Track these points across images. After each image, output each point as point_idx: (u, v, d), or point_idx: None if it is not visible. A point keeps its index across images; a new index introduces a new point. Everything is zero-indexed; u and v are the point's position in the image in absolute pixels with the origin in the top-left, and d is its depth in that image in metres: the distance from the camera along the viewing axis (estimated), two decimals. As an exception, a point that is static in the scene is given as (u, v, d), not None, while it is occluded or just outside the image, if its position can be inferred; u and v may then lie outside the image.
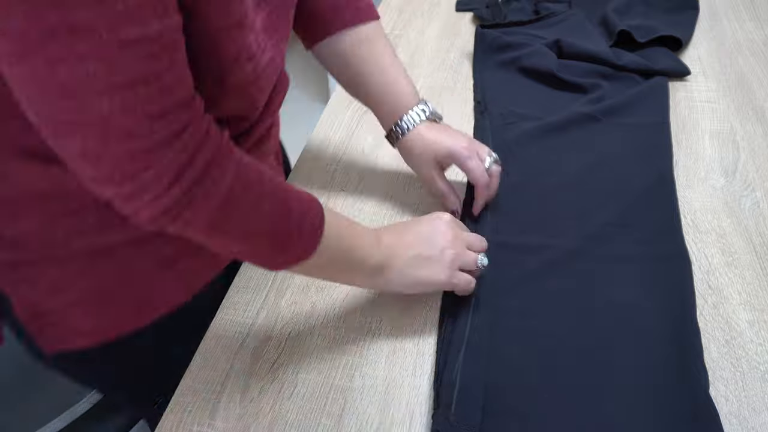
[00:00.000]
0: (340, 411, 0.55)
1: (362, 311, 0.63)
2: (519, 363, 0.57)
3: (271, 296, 0.65)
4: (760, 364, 0.57)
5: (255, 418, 0.55)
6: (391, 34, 1.08)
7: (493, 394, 0.54)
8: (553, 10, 1.04)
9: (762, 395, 0.55)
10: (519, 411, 0.54)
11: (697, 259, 0.66)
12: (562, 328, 0.60)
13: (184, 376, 0.59)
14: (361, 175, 0.79)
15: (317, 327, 0.62)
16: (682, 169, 0.77)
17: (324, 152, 0.83)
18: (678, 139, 0.82)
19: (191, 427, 0.55)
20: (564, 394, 0.55)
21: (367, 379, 0.58)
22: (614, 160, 0.77)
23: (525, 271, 0.65)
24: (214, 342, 0.61)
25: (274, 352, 0.60)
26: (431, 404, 0.55)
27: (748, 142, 0.81)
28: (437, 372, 0.57)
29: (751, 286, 0.64)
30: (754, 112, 0.86)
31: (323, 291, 0.65)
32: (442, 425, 0.52)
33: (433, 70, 0.98)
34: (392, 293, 0.62)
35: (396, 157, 0.82)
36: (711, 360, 0.57)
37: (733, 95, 0.89)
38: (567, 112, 0.84)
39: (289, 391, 0.57)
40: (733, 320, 0.61)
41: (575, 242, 0.68)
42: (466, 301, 0.62)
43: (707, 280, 0.65)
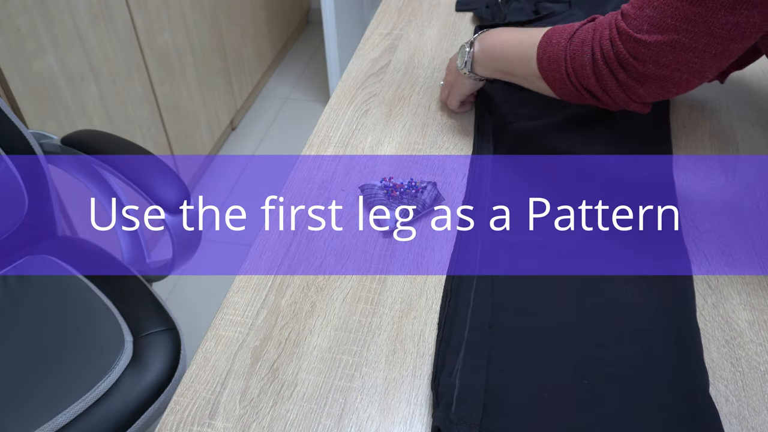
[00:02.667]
0: (340, 411, 0.55)
1: (362, 311, 0.63)
2: (519, 363, 0.57)
3: (271, 296, 0.65)
4: (760, 364, 0.57)
5: (255, 418, 0.55)
6: (391, 34, 1.08)
7: (493, 394, 0.54)
8: (553, 10, 1.04)
9: (762, 395, 0.55)
10: (519, 410, 0.54)
11: (697, 259, 0.66)
12: (562, 328, 0.60)
13: (184, 376, 0.59)
14: (361, 175, 0.79)
15: (317, 327, 0.62)
16: (682, 168, 0.77)
17: (324, 152, 0.83)
18: (678, 139, 0.82)
19: (191, 427, 0.55)
20: (564, 394, 0.55)
21: (367, 379, 0.58)
22: (614, 159, 0.78)
23: (525, 270, 0.65)
24: (214, 342, 0.62)
25: (274, 352, 0.60)
26: (431, 404, 0.55)
27: (748, 142, 0.81)
28: (437, 372, 0.57)
29: (751, 286, 0.64)
30: (754, 112, 0.86)
31: (323, 291, 0.66)
32: (442, 423, 0.52)
33: (433, 70, 0.98)
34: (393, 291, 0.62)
35: (395, 157, 0.82)
36: (711, 360, 0.57)
37: (733, 95, 0.89)
38: (567, 112, 0.85)
39: (289, 391, 0.57)
40: (733, 320, 0.61)
41: (575, 241, 0.68)
42: (466, 301, 0.62)
43: (707, 280, 0.65)
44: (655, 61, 0.62)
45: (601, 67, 0.65)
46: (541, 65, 0.70)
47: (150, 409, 0.90)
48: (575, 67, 0.67)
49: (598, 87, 0.66)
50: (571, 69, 0.67)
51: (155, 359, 0.93)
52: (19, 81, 1.23)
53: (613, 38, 0.64)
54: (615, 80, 0.65)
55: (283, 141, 2.27)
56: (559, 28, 0.70)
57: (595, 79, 0.66)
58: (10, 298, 1.02)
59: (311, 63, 2.69)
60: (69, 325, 0.97)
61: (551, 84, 0.71)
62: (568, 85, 0.69)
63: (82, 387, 0.88)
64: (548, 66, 0.69)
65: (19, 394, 0.88)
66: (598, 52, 0.65)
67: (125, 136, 1.59)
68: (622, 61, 0.63)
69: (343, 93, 0.94)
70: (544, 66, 0.70)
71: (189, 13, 1.84)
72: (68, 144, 1.05)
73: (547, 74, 0.70)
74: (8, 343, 0.95)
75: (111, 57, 1.50)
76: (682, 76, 0.62)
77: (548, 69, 0.70)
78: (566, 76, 0.68)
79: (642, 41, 0.61)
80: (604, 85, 0.66)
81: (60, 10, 1.31)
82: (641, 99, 0.66)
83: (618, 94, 0.66)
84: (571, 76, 0.68)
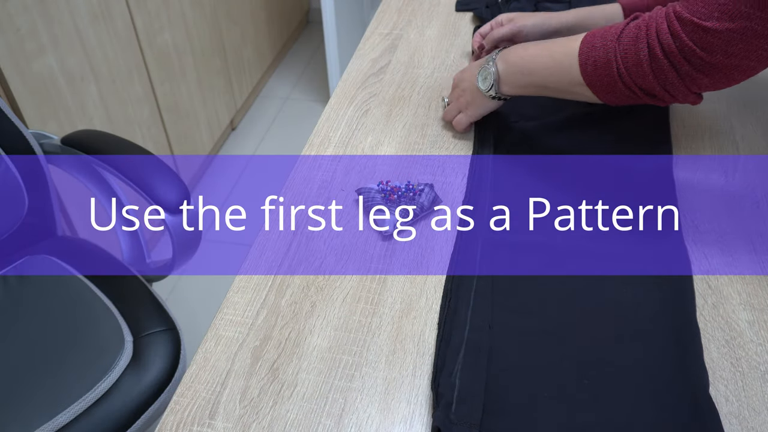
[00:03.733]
0: (340, 411, 0.55)
1: (362, 311, 0.63)
2: (519, 363, 0.57)
3: (271, 296, 0.65)
4: (760, 364, 0.57)
5: (255, 418, 0.55)
6: (391, 34, 1.08)
7: (493, 394, 0.54)
8: (553, 11, 1.03)
9: (762, 395, 0.55)
10: (519, 410, 0.54)
11: (697, 259, 0.66)
12: (562, 328, 0.60)
13: (184, 376, 0.59)
14: (361, 175, 0.79)
15: (317, 327, 0.62)
16: (682, 168, 0.77)
17: (324, 152, 0.83)
18: (678, 139, 0.82)
19: (191, 427, 0.55)
20: (564, 394, 0.55)
21: (367, 379, 0.58)
22: (614, 159, 0.78)
23: (525, 270, 0.65)
24: (214, 342, 0.62)
25: (274, 352, 0.60)
26: (431, 404, 0.55)
27: (748, 142, 0.81)
28: (437, 372, 0.57)
29: (751, 286, 0.64)
30: (754, 112, 0.86)
31: (323, 291, 0.66)
32: (442, 423, 0.52)
33: (433, 70, 0.98)
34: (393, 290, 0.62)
35: (395, 157, 0.82)
36: (711, 360, 0.57)
37: (733, 95, 0.89)
38: (567, 111, 0.85)
39: (289, 391, 0.57)
40: (733, 320, 0.61)
41: (576, 241, 0.68)
42: (466, 301, 0.62)
43: (707, 280, 0.65)
44: (724, 50, 0.59)
45: (662, 61, 0.63)
46: (585, 71, 0.68)
47: (150, 409, 0.90)
48: (628, 66, 0.65)
49: (656, 83, 0.65)
50: (624, 69, 0.65)
51: (155, 359, 0.93)
52: (19, 81, 1.23)
53: (674, 30, 0.61)
54: (676, 74, 0.63)
55: (283, 141, 2.27)
56: (599, 32, 0.68)
57: (653, 75, 0.64)
58: (10, 298, 1.02)
59: (311, 63, 2.69)
60: (69, 325, 0.97)
61: (597, 89, 0.69)
62: (620, 86, 0.67)
63: (82, 387, 0.88)
64: (594, 71, 0.67)
65: (19, 394, 0.88)
66: (656, 46, 0.63)
67: (125, 136, 1.59)
68: (687, 53, 0.61)
69: (343, 93, 0.94)
70: (590, 71, 0.68)
71: (189, 13, 1.84)
72: (68, 144, 1.05)
73: (593, 80, 0.68)
74: (8, 343, 0.95)
75: (111, 57, 1.50)
76: (749, 64, 0.60)
77: (594, 74, 0.68)
78: (618, 78, 0.66)
79: (711, 30, 0.59)
80: (663, 80, 0.64)
81: (60, 10, 1.31)
82: (704, 90, 0.65)
83: (678, 87, 0.64)
84: (624, 76, 0.66)
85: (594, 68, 0.67)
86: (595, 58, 0.67)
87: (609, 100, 0.70)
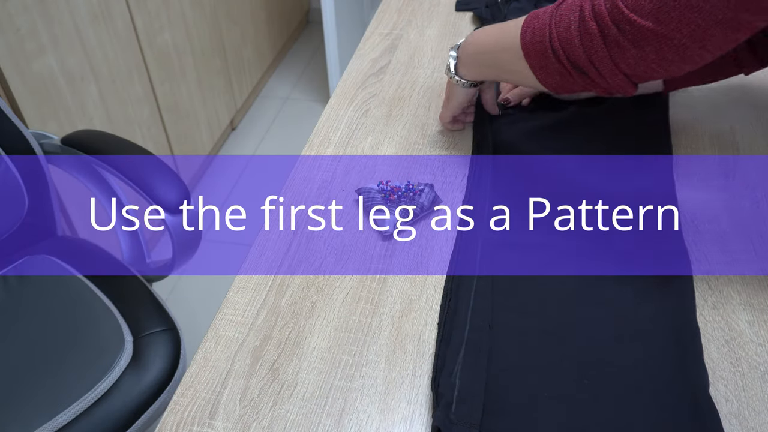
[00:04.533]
0: (340, 411, 0.55)
1: (362, 311, 0.63)
2: (519, 363, 0.57)
3: (271, 296, 0.65)
4: (760, 364, 0.57)
5: (255, 418, 0.55)
6: (391, 34, 1.08)
7: (493, 394, 0.54)
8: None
9: (762, 395, 0.55)
10: (519, 410, 0.54)
11: (697, 259, 0.66)
12: (562, 328, 0.60)
13: (184, 376, 0.59)
14: (361, 175, 0.79)
15: (317, 327, 0.62)
16: (682, 169, 0.77)
17: (324, 152, 0.83)
18: (678, 139, 0.82)
19: (191, 427, 0.55)
20: (564, 394, 0.55)
21: (367, 379, 0.58)
22: (614, 159, 0.77)
23: (525, 270, 0.65)
24: (214, 342, 0.62)
25: (274, 352, 0.60)
26: (431, 404, 0.55)
27: (748, 142, 0.81)
28: (437, 372, 0.57)
29: (751, 286, 0.64)
30: (754, 112, 0.86)
31: (323, 291, 0.66)
32: (442, 423, 0.52)
33: (433, 70, 0.98)
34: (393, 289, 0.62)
35: (395, 157, 0.82)
36: (711, 360, 0.57)
37: (734, 95, 0.89)
38: (567, 112, 0.85)
39: (289, 391, 0.57)
40: (733, 320, 0.61)
41: (575, 241, 0.68)
42: (466, 301, 0.62)
43: (707, 280, 0.65)
44: (656, 16, 0.56)
45: (589, 24, 0.60)
46: (524, 41, 0.65)
47: (150, 409, 0.90)
48: (560, 31, 0.62)
49: (582, 51, 0.61)
50: (555, 34, 0.62)
51: (155, 359, 0.93)
52: (19, 81, 1.23)
53: None
54: (602, 40, 0.59)
55: (283, 141, 2.27)
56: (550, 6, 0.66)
57: (580, 40, 0.61)
58: (10, 298, 1.02)
59: (311, 63, 2.69)
60: (69, 325, 0.97)
61: (533, 61, 0.65)
62: (551, 57, 0.63)
63: (82, 387, 0.88)
64: (531, 39, 0.65)
65: (19, 394, 0.88)
66: (588, 7, 0.60)
67: (125, 136, 1.59)
68: (616, 15, 0.58)
69: (343, 93, 0.94)
70: (527, 40, 0.65)
71: (189, 13, 1.84)
72: (68, 144, 1.05)
73: (528, 49, 0.65)
74: (8, 343, 0.95)
75: (111, 57, 1.50)
76: (681, 39, 0.56)
77: (531, 43, 0.65)
78: (549, 45, 0.63)
79: None
80: (588, 48, 0.60)
81: (60, 10, 1.31)
82: (630, 68, 0.60)
83: (604, 60, 0.60)
84: (554, 43, 0.63)
85: (531, 36, 0.65)
86: (534, 26, 0.65)
87: (543, 79, 0.66)
